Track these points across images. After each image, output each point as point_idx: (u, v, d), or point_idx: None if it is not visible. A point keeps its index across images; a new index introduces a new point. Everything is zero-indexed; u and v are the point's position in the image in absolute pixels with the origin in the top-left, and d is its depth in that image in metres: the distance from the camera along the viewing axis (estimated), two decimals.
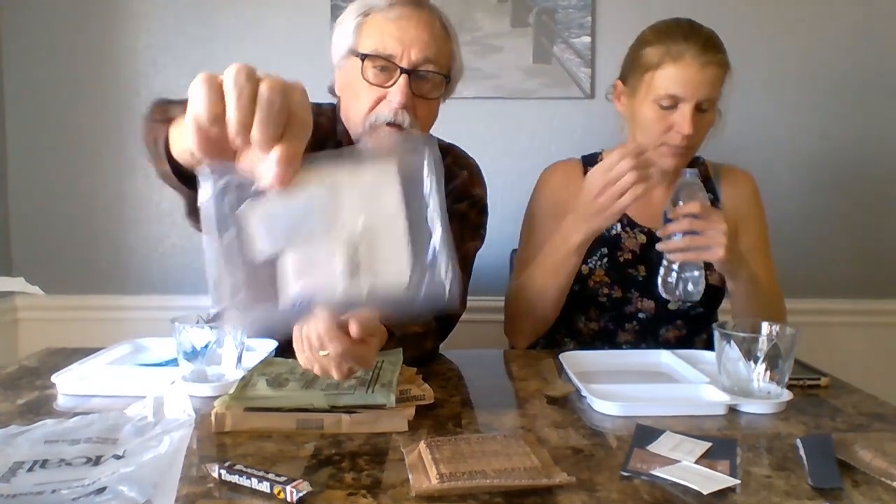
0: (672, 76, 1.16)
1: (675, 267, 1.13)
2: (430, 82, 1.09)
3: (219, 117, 0.53)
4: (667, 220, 1.11)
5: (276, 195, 0.59)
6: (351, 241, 0.61)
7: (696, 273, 1.13)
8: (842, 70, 1.92)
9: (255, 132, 0.53)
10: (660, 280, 1.15)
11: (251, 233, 0.60)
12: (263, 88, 0.52)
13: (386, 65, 1.05)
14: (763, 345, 0.84)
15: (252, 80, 0.53)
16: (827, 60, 1.92)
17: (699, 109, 1.17)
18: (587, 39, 1.88)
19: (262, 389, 0.80)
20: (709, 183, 1.34)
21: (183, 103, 0.56)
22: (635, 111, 1.23)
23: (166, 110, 0.78)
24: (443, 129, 1.30)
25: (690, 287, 1.12)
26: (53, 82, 1.91)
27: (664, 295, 1.16)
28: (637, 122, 1.24)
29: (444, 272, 0.62)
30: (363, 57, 1.06)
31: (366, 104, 1.07)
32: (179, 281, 1.94)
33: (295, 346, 0.81)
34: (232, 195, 0.60)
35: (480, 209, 1.26)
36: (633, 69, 1.24)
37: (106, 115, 1.92)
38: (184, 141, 0.66)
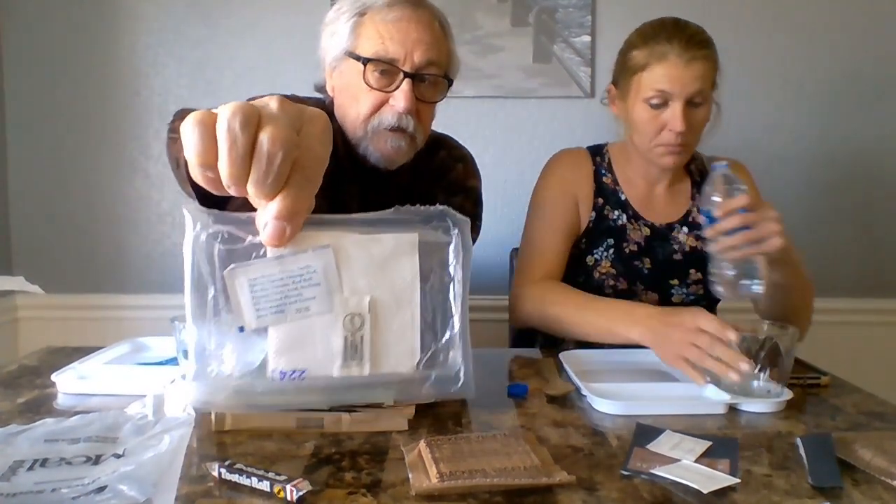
0: (659, 75, 1.16)
1: (731, 265, 1.02)
2: (432, 85, 1.08)
3: (212, 165, 0.47)
4: (709, 219, 1.01)
5: (271, 257, 0.53)
6: (354, 315, 0.56)
7: (757, 266, 1.02)
8: (843, 71, 1.92)
9: (251, 188, 0.46)
10: (717, 279, 1.04)
11: (236, 298, 0.54)
12: (264, 139, 0.45)
13: (388, 69, 1.04)
14: (763, 344, 0.84)
15: (249, 127, 0.45)
16: (828, 61, 1.92)
17: (691, 105, 1.17)
18: (587, 39, 1.88)
19: None
20: (705, 176, 1.34)
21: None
22: (629, 113, 1.24)
23: None
24: (443, 128, 1.30)
25: (754, 283, 1.01)
26: (53, 82, 1.91)
27: (726, 296, 1.04)
28: (631, 124, 1.24)
29: (460, 357, 0.59)
30: (365, 61, 1.04)
31: (366, 108, 1.06)
32: (179, 280, 1.92)
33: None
34: (222, 246, 0.54)
35: (475, 200, 1.26)
36: (622, 73, 1.25)
37: (106, 116, 1.92)
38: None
